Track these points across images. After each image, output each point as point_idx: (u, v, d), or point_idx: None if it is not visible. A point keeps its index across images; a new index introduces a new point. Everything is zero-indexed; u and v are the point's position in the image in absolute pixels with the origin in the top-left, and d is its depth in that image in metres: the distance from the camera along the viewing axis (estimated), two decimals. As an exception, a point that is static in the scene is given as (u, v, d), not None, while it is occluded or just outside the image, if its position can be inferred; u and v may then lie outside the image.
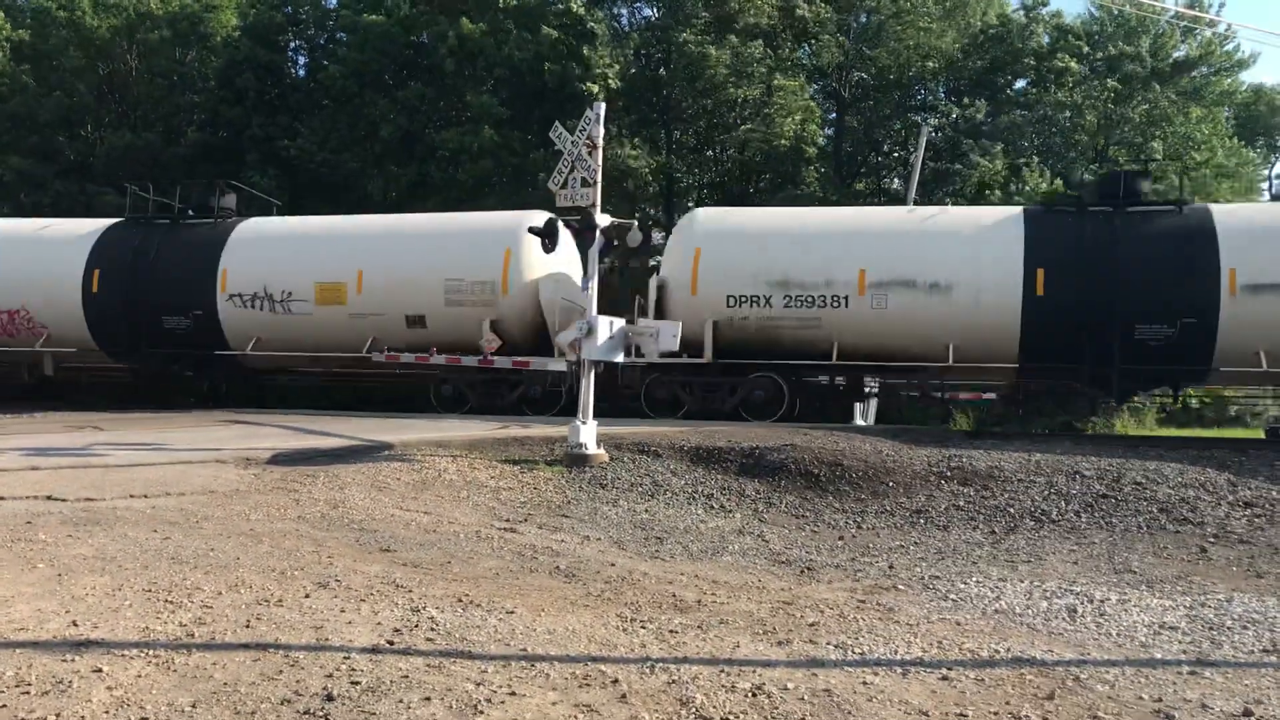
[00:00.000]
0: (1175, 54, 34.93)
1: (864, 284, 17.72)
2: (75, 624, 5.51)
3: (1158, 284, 16.92)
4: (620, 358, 13.61)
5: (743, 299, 18.16)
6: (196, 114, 35.73)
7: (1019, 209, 19.11)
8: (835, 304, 17.82)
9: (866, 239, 18.39)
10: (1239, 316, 16.56)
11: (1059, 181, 29.43)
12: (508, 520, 9.89)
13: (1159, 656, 5.90)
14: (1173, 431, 33.60)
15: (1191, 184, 32.71)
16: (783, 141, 31.74)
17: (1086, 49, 33.54)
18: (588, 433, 12.75)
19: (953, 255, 17.74)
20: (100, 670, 4.76)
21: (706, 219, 20.02)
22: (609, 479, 11.98)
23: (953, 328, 17.45)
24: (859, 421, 19.98)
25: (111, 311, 21.65)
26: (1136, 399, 27.95)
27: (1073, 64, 32.35)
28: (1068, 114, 33.56)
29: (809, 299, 17.90)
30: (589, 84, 28.71)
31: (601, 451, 12.78)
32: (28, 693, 4.47)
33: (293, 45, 38.24)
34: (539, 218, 19.40)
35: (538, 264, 18.77)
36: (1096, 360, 17.15)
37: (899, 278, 17.70)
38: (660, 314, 18.16)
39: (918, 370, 18.35)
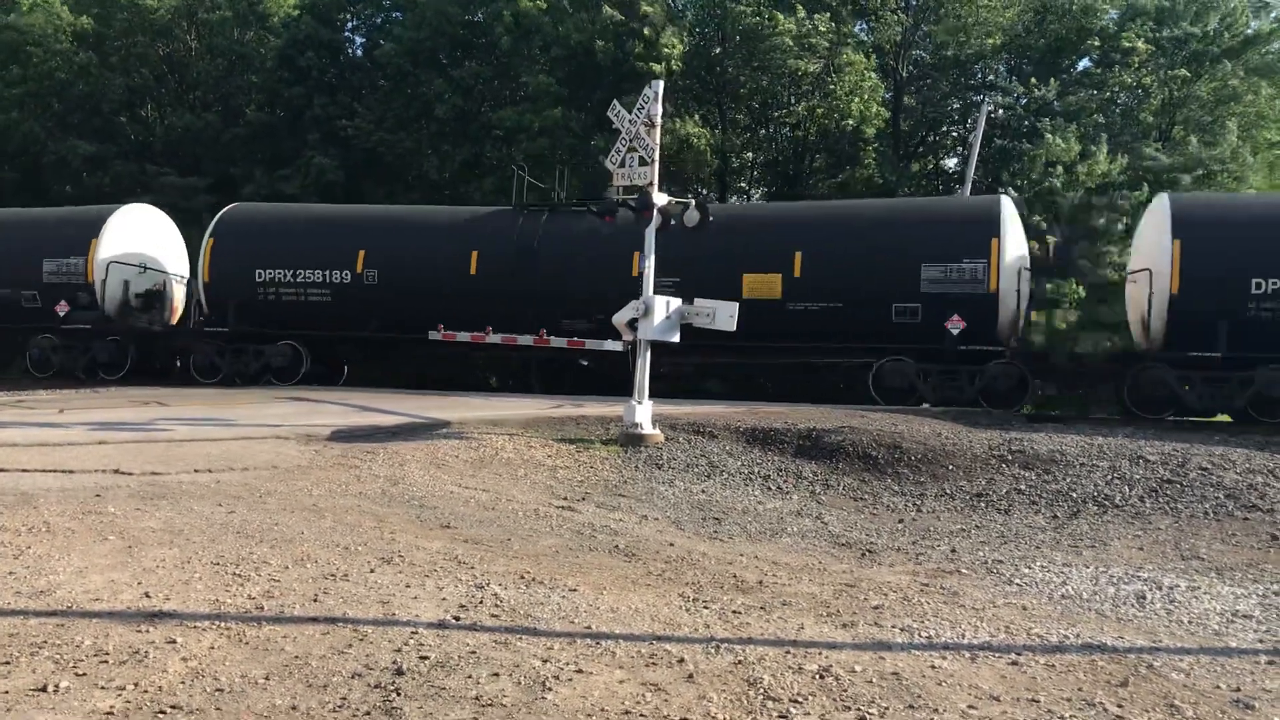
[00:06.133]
0: (1246, 31, 33.85)
1: None
2: (148, 595, 5.60)
3: None
4: (676, 338, 13.53)
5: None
6: (255, 94, 36.03)
7: None
8: None
9: None
10: None
11: (1123, 159, 28.74)
12: (565, 499, 9.93)
13: (1234, 645, 5.78)
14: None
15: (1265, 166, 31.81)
16: (849, 121, 31.26)
17: (1153, 26, 32.66)
18: (643, 412, 12.75)
19: None
20: (174, 641, 4.83)
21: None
22: (665, 459, 11.98)
23: None
24: None
25: None
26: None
27: (1140, 44, 31.52)
28: (1135, 91, 32.76)
29: None
30: (652, 64, 28.42)
31: (657, 432, 12.77)
32: (106, 662, 4.56)
33: (350, 24, 38.47)
34: None
35: None
36: None
37: None
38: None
39: None
